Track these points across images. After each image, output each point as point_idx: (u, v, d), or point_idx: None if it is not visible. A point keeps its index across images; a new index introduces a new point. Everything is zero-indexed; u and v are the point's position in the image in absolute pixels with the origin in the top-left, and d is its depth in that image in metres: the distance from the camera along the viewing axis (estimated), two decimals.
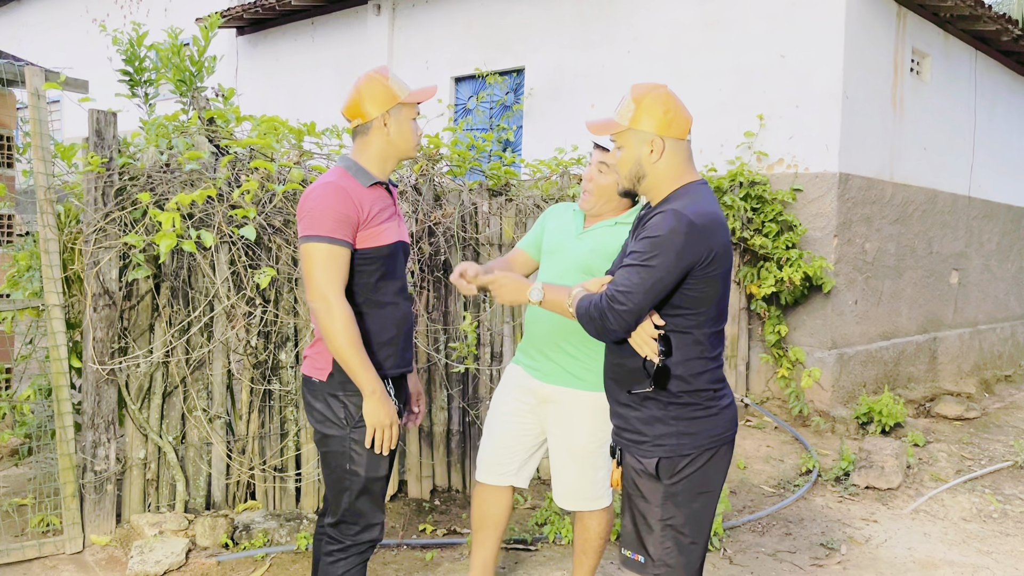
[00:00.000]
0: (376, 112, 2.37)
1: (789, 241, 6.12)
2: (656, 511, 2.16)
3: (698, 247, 2.05)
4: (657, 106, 2.15)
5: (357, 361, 2.27)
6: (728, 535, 4.12)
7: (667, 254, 2.03)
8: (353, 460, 2.37)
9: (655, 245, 2.04)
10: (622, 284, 2.06)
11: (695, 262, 2.06)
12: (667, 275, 2.04)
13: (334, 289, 2.27)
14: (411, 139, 2.44)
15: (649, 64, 7.16)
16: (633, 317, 2.06)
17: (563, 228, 2.88)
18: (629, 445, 2.21)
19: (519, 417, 2.90)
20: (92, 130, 3.41)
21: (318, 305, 2.27)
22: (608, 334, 2.11)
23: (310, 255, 2.28)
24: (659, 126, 2.14)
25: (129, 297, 3.53)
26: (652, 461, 2.15)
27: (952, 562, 3.92)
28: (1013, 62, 8.78)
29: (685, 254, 2.03)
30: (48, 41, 13.90)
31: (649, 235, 2.07)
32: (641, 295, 2.04)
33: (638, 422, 2.18)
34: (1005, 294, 9.05)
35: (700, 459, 2.17)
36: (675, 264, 2.03)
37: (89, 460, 3.45)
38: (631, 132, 2.17)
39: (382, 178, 2.43)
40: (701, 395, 2.16)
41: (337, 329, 2.25)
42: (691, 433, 2.15)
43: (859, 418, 6.00)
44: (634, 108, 2.16)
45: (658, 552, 2.16)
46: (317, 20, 10.02)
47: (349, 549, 2.43)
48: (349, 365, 2.28)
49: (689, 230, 2.03)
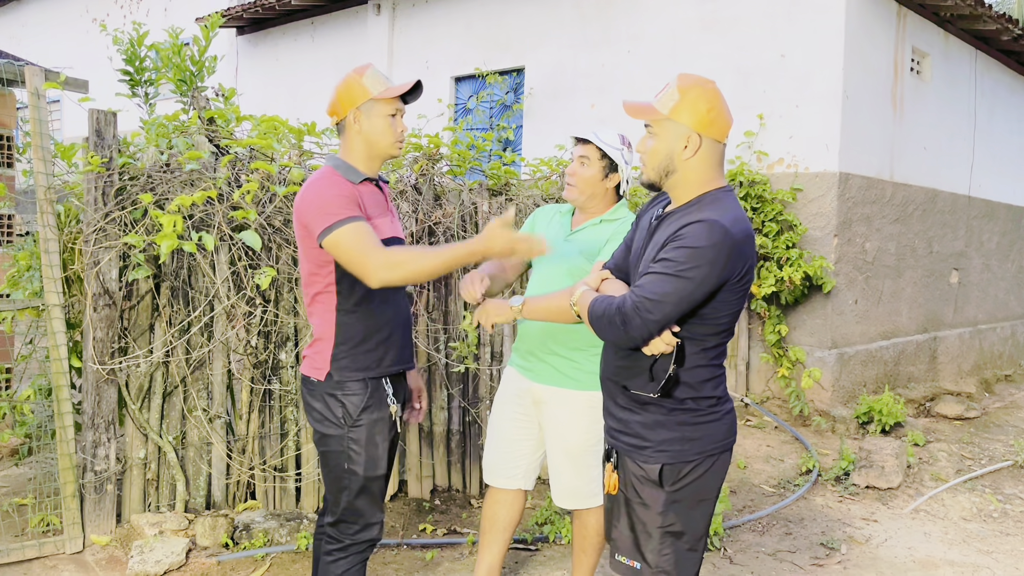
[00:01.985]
0: (347, 109, 2.37)
1: (789, 241, 6.12)
2: (657, 518, 2.10)
3: (736, 262, 1.96)
4: (702, 102, 2.02)
5: (441, 260, 2.19)
6: (728, 535, 4.12)
7: (704, 267, 1.92)
8: (351, 459, 2.37)
9: (694, 257, 1.92)
10: (653, 293, 1.94)
11: (730, 277, 1.97)
12: (700, 288, 1.94)
13: (380, 251, 2.19)
14: (387, 135, 2.38)
15: (649, 64, 7.16)
16: (658, 327, 1.96)
17: (552, 231, 2.90)
18: (629, 450, 2.13)
19: (518, 422, 2.92)
20: (92, 130, 3.41)
21: (383, 275, 2.19)
22: (628, 341, 2.01)
23: (337, 243, 2.22)
24: (700, 123, 2.02)
25: (129, 297, 3.53)
26: (655, 467, 2.08)
27: (952, 562, 3.92)
28: (1013, 62, 8.78)
29: (723, 269, 1.94)
30: (48, 41, 13.91)
31: (687, 245, 1.94)
32: (672, 306, 1.94)
33: (640, 427, 2.11)
34: (1005, 293, 9.05)
35: (703, 466, 2.11)
36: (711, 278, 1.93)
37: (89, 460, 3.45)
38: (669, 123, 2.04)
39: (371, 175, 2.42)
40: (705, 402, 2.09)
41: (415, 268, 2.19)
42: (694, 439, 2.08)
43: (859, 418, 6.01)
44: (677, 99, 2.03)
45: (656, 559, 2.11)
46: (317, 20, 10.02)
47: (349, 548, 2.43)
48: (445, 265, 2.19)
49: (731, 245, 1.94)
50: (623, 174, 2.80)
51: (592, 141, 2.76)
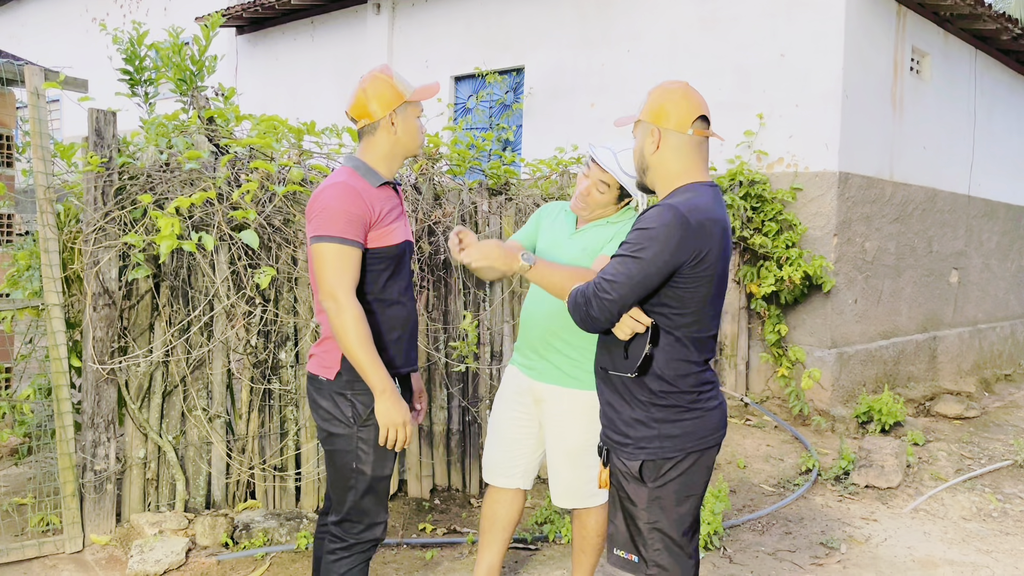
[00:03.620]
0: (383, 112, 2.38)
1: (789, 240, 6.12)
2: (643, 514, 2.14)
3: (689, 245, 2.02)
4: (658, 98, 2.18)
5: (369, 360, 2.27)
6: (728, 534, 4.12)
7: (655, 246, 2.00)
8: (360, 459, 2.37)
9: (646, 237, 2.02)
10: (610, 274, 2.05)
11: (684, 260, 2.03)
12: (653, 267, 2.01)
13: (344, 289, 2.26)
14: (417, 137, 2.46)
15: (649, 63, 7.16)
16: (617, 308, 2.05)
17: (556, 229, 2.89)
18: (615, 447, 2.19)
19: (519, 422, 2.92)
20: (92, 129, 3.41)
21: (328, 305, 2.27)
22: (591, 322, 2.10)
23: (321, 255, 2.27)
24: (656, 116, 2.16)
25: (129, 296, 3.53)
26: (636, 464, 2.13)
27: (952, 561, 3.92)
28: (1013, 61, 8.78)
29: (676, 249, 2.01)
30: (48, 41, 13.90)
31: (641, 227, 2.06)
32: (628, 287, 2.02)
33: (622, 424, 2.17)
34: (1005, 293, 9.05)
35: (684, 463, 2.14)
36: (664, 255, 2.01)
37: (89, 459, 3.45)
38: (641, 124, 2.22)
39: (389, 177, 2.44)
40: (684, 397, 2.13)
41: (348, 328, 2.25)
42: (674, 436, 2.12)
43: (859, 417, 6.01)
44: (645, 101, 2.22)
45: (648, 554, 2.15)
46: (317, 19, 10.02)
47: (352, 548, 2.43)
48: (361, 364, 2.28)
49: (683, 226, 2.01)
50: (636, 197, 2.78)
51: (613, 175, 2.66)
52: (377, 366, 2.28)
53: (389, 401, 2.30)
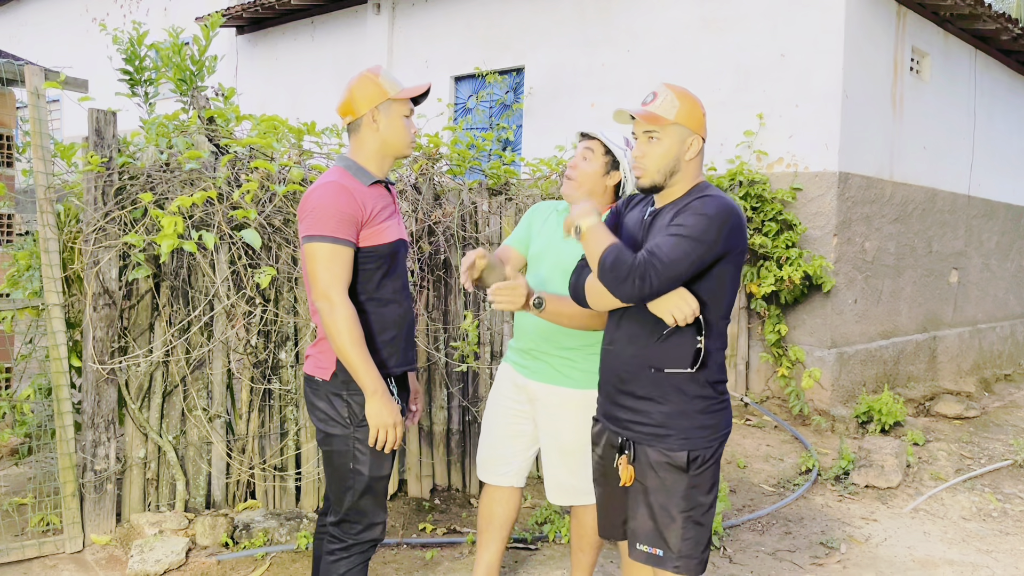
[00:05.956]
0: (365, 108, 2.39)
1: (789, 240, 6.12)
2: (680, 503, 2.19)
3: (737, 237, 2.15)
4: (698, 108, 2.24)
5: (360, 361, 2.28)
6: (728, 534, 4.12)
7: (714, 231, 2.08)
8: (357, 459, 2.37)
9: (706, 220, 2.09)
10: (668, 251, 2.07)
11: (731, 250, 2.14)
12: (710, 251, 2.09)
13: (337, 288, 2.27)
14: (403, 136, 2.44)
15: (649, 63, 7.16)
16: (670, 284, 2.09)
17: (549, 231, 2.88)
18: (650, 439, 2.21)
19: (512, 420, 2.92)
20: (92, 129, 3.41)
21: (321, 305, 2.28)
22: (638, 294, 2.09)
23: (313, 255, 2.28)
24: (699, 126, 2.23)
25: (129, 296, 3.53)
26: (682, 454, 2.18)
27: (952, 561, 3.93)
28: (1013, 61, 8.78)
29: (728, 237, 2.11)
30: (48, 41, 13.90)
31: (700, 212, 2.11)
32: (685, 265, 2.07)
33: (662, 416, 2.20)
34: (1005, 293, 9.05)
35: (719, 451, 2.25)
36: (719, 243, 2.10)
37: (89, 459, 3.45)
38: (675, 127, 2.21)
39: (381, 176, 2.44)
40: (718, 387, 2.24)
41: (340, 328, 2.26)
42: (711, 425, 2.22)
43: (859, 417, 6.01)
44: (679, 105, 2.21)
45: (678, 544, 2.19)
46: (317, 19, 10.02)
47: (351, 548, 2.43)
48: (352, 365, 2.28)
49: (736, 218, 2.14)
50: (624, 173, 2.78)
51: (598, 137, 2.76)
52: (368, 367, 2.29)
53: (380, 402, 2.31)
